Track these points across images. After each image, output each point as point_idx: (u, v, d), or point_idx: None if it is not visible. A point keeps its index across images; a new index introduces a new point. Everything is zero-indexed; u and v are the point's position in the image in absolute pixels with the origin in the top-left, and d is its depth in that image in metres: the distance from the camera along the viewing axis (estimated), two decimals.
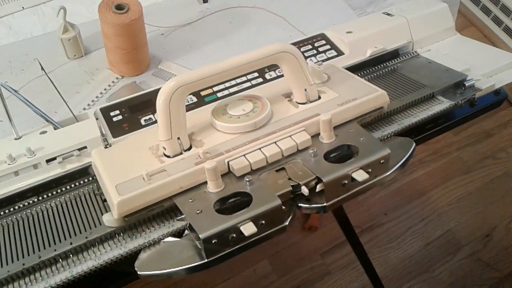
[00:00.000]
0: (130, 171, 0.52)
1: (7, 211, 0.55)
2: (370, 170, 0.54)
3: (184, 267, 0.48)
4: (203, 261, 0.48)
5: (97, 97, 0.77)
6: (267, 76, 0.70)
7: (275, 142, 0.56)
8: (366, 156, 0.55)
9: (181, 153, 0.55)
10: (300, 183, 0.53)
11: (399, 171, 0.58)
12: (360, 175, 0.54)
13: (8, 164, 0.55)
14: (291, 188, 0.53)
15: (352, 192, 0.55)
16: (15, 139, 0.59)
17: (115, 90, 0.78)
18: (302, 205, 0.54)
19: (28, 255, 0.49)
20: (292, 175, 0.54)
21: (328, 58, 0.74)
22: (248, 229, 0.48)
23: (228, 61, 0.56)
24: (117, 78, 0.81)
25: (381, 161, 0.55)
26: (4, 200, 0.55)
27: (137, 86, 0.79)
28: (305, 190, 0.52)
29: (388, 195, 1.45)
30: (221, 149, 0.55)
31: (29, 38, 0.89)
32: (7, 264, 0.49)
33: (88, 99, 0.76)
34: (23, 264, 0.48)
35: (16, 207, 0.55)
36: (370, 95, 0.62)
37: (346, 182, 0.54)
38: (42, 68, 0.59)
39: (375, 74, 0.74)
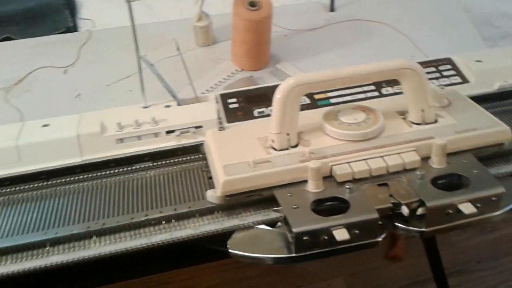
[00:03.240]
0: (238, 156, 0.55)
1: (125, 169, 0.61)
2: (478, 205, 0.52)
3: (272, 255, 0.50)
4: (291, 255, 0.49)
5: (215, 84, 0.82)
6: (384, 91, 0.69)
7: (382, 156, 0.55)
8: (477, 190, 0.52)
9: (287, 149, 0.57)
10: (402, 202, 0.52)
11: (509, 213, 0.55)
12: (467, 208, 0.51)
13: (134, 128, 0.61)
14: (391, 205, 0.52)
15: (454, 224, 0.52)
16: (143, 107, 0.65)
17: (233, 81, 0.83)
18: (399, 225, 0.52)
19: (137, 211, 0.54)
20: (394, 193, 0.53)
21: (451, 84, 0.71)
22: (341, 234, 0.48)
23: (350, 68, 0.57)
24: (236, 70, 0.86)
25: (493, 198, 0.52)
26: (124, 159, 0.61)
27: (253, 80, 0.83)
28: (405, 210, 0.51)
29: (485, 242, 1.35)
30: (326, 152, 0.56)
31: (166, 21, 0.97)
32: (118, 215, 0.54)
33: (208, 84, 0.81)
34: (132, 219, 0.53)
35: (134, 168, 0.61)
36: (492, 129, 0.59)
37: (451, 212, 0.51)
38: (178, 49, 0.64)
39: (500, 109, 0.69)
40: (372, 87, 0.70)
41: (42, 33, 0.94)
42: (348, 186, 0.53)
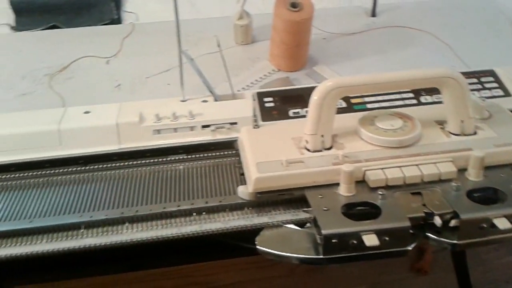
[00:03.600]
0: (272, 154, 0.56)
1: (160, 160, 0.62)
2: None
3: (299, 255, 0.50)
4: (318, 256, 0.49)
5: (252, 83, 0.83)
6: (422, 100, 0.68)
7: (417, 165, 0.55)
8: None
9: (321, 150, 0.57)
10: (435, 212, 0.51)
11: None
12: (502, 223, 0.50)
13: (171, 121, 0.63)
14: (423, 215, 0.51)
15: (488, 239, 0.51)
16: (181, 101, 0.67)
17: (269, 81, 0.83)
18: (430, 235, 0.51)
19: (169, 201, 0.56)
20: (428, 203, 0.52)
21: (493, 97, 0.69)
22: (371, 240, 0.48)
23: (389, 74, 0.57)
24: (273, 70, 0.86)
25: None
26: (160, 150, 0.63)
27: (289, 81, 0.83)
28: (438, 221, 0.50)
29: None
30: (360, 157, 0.55)
31: (207, 18, 0.99)
32: (150, 204, 0.55)
33: (244, 82, 0.82)
34: (164, 208, 0.54)
35: (168, 159, 0.62)
36: None
37: (485, 226, 0.50)
38: (219, 45, 0.65)
39: None
40: (411, 95, 0.69)
41: (88, 23, 0.98)
42: (380, 192, 0.52)
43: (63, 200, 0.56)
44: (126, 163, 0.62)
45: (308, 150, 0.57)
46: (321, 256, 0.49)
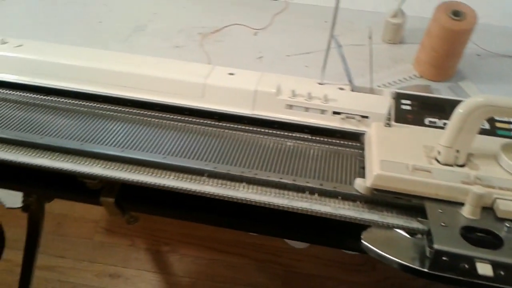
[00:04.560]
0: (398, 156, 0.55)
1: (284, 133, 0.64)
2: None
3: (403, 262, 0.49)
4: (423, 269, 0.48)
5: (389, 83, 0.81)
6: None
7: None
8: None
9: (452, 165, 0.54)
10: None
11: None
12: None
13: (305, 100, 0.64)
14: None
15: None
16: (318, 83, 0.68)
17: (408, 85, 0.81)
18: None
19: (286, 174, 0.57)
20: None
21: None
22: (485, 269, 0.45)
23: None
24: (415, 75, 0.83)
25: None
26: (288, 124, 0.65)
27: (430, 90, 0.80)
28: None
29: None
30: (494, 183, 0.52)
31: (359, 10, 0.98)
32: (268, 171, 0.58)
33: (381, 81, 0.80)
34: (280, 178, 0.56)
35: (292, 135, 0.64)
36: None
37: None
38: (370, 37, 0.65)
39: None
40: None
41: None
42: (508, 225, 0.49)
43: (193, 146, 0.61)
44: (254, 129, 0.65)
45: (438, 161, 0.54)
46: (426, 270, 0.47)
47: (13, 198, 1.55)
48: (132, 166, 0.59)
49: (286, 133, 0.65)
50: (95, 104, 0.68)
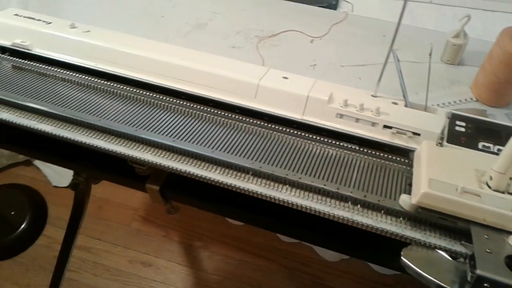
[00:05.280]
0: (448, 176, 0.54)
1: (332, 141, 0.64)
2: None
3: (443, 284, 0.48)
4: None
5: (443, 103, 0.79)
6: None
7: None
8: None
9: (503, 192, 0.52)
10: None
11: None
12: None
13: (357, 110, 0.64)
14: None
15: None
16: (372, 95, 0.68)
17: (463, 108, 0.79)
18: None
19: (330, 181, 0.57)
20: None
21: None
22: None
23: None
24: (471, 98, 0.81)
25: None
26: (336, 133, 0.65)
27: (485, 115, 0.78)
28: None
29: None
30: None
31: (420, 27, 0.97)
32: (312, 177, 0.58)
33: (436, 100, 0.79)
34: (324, 185, 0.57)
35: (339, 144, 0.64)
36: None
37: None
38: (430, 54, 0.64)
39: None
40: None
41: (307, 2, 1.04)
42: None
43: (241, 144, 0.63)
44: (302, 133, 0.65)
45: (489, 187, 0.53)
46: None
47: (60, 178, 1.62)
48: (181, 157, 0.61)
49: (333, 141, 0.65)
50: (151, 94, 0.71)
